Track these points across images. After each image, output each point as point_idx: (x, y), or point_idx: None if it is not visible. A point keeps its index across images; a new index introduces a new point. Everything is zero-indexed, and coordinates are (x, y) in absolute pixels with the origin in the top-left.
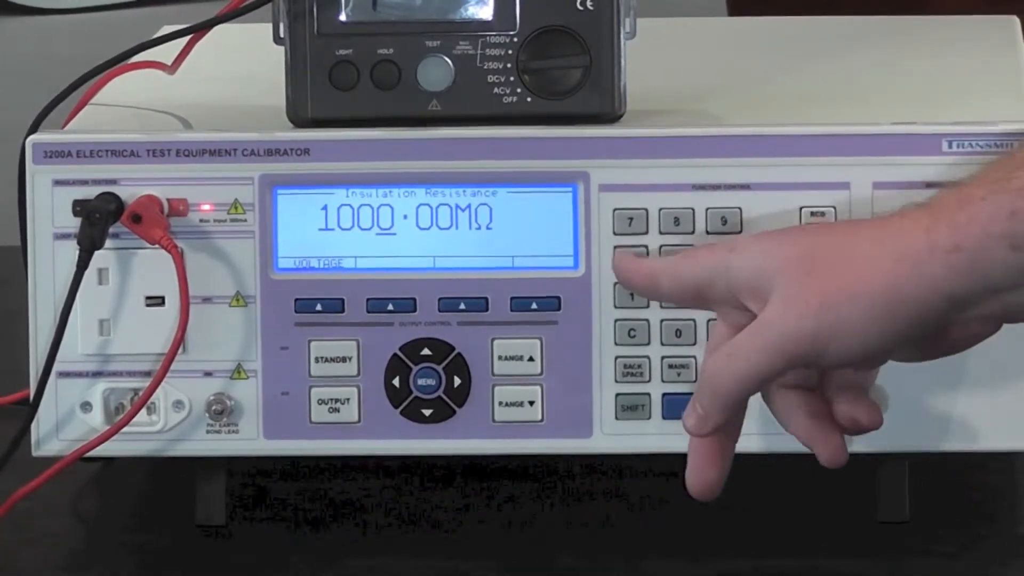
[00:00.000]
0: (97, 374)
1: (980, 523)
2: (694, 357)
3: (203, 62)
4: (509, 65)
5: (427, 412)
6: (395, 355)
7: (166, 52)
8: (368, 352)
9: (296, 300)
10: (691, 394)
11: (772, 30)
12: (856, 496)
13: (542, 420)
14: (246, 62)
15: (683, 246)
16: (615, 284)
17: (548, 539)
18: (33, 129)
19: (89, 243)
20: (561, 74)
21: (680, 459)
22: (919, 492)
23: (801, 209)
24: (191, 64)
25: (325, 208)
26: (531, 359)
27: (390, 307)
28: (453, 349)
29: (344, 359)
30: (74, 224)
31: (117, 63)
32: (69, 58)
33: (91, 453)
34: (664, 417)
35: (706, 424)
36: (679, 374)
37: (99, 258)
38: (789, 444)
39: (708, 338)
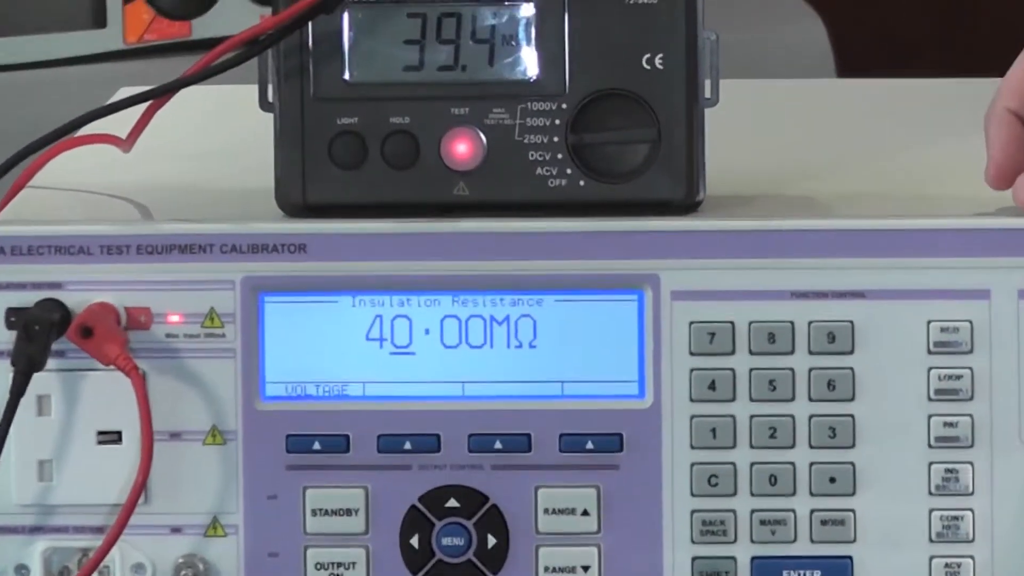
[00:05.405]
0: (36, 530)
1: None
2: (792, 511)
3: (168, 134)
4: (556, 139)
5: None
6: (413, 507)
7: (122, 122)
8: (379, 503)
9: (288, 437)
10: (787, 557)
11: (893, 95)
12: None
13: None
14: (223, 134)
15: (780, 370)
16: (692, 417)
17: None
18: None
19: (26, 363)
20: (622, 151)
21: None
22: None
23: (929, 323)
24: (153, 137)
25: (325, 320)
26: (586, 513)
27: (407, 446)
28: (487, 500)
29: (349, 512)
30: (8, 339)
31: (61, 136)
32: (1, 130)
33: None
34: None
35: None
36: (773, 532)
37: (39, 382)
38: None
39: None
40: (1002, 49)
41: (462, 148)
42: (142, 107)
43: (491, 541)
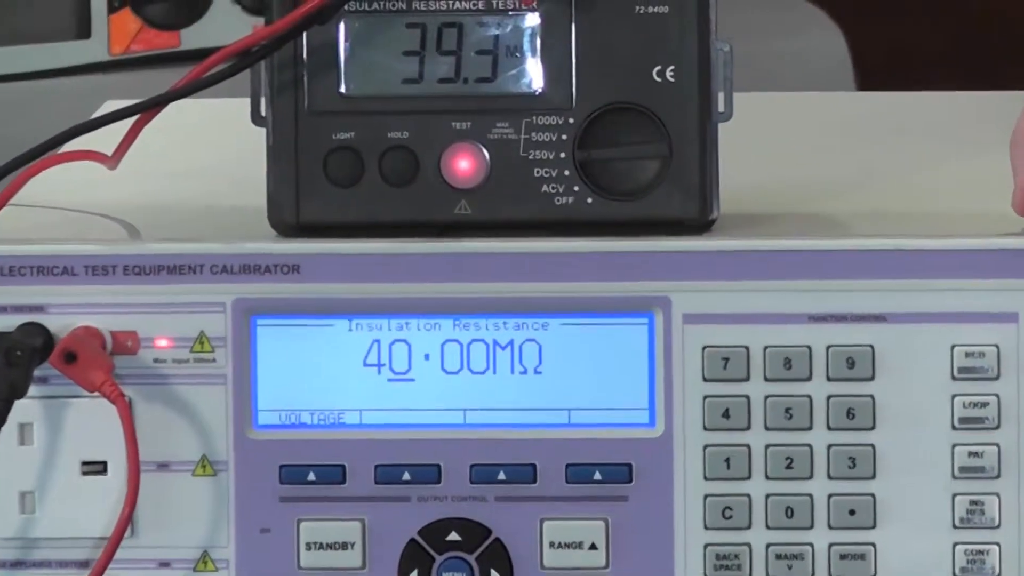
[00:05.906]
0: (17, 564)
1: None
2: (810, 545)
3: (156, 150)
4: (563, 154)
5: None
6: (413, 541)
7: (107, 137)
8: (377, 536)
9: (281, 467)
10: None
11: (912, 108)
12: None
13: None
14: (213, 149)
15: (797, 396)
16: (705, 447)
17: None
18: None
19: (7, 390)
20: (631, 167)
21: None
22: None
23: (953, 348)
24: (140, 153)
25: (320, 345)
26: (593, 547)
27: (406, 477)
28: (489, 533)
29: (345, 546)
30: None
31: (44, 152)
32: None
33: None
34: None
35: None
36: (790, 567)
37: (20, 410)
38: None
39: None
40: (1015, 57)
41: (464, 164)
42: (128, 122)
43: None
